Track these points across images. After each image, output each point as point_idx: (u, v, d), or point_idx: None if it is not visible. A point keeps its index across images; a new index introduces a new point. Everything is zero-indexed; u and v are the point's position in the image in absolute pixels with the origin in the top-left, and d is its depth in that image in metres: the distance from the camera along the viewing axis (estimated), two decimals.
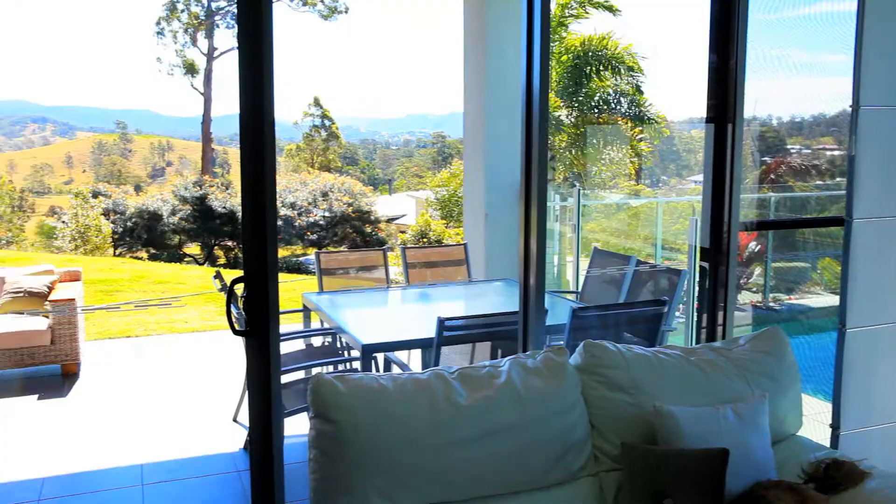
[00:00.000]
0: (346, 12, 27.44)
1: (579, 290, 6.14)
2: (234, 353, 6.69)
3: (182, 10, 27.49)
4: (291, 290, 11.59)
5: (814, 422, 3.64)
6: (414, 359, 5.73)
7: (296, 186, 20.28)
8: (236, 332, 2.63)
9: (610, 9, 11.21)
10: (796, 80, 4.05)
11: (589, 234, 10.60)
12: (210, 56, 28.01)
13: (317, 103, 32.54)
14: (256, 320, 2.57)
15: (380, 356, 4.62)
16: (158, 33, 27.60)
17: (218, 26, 28.06)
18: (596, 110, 11.90)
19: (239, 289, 2.60)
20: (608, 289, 5.51)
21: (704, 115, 3.45)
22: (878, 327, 3.45)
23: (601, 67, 11.34)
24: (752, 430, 2.53)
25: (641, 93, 11.86)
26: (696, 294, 3.64)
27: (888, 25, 3.28)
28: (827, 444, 3.45)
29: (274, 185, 2.50)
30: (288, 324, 6.62)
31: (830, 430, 3.51)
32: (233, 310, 2.71)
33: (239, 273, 2.59)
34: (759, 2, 3.51)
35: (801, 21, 3.94)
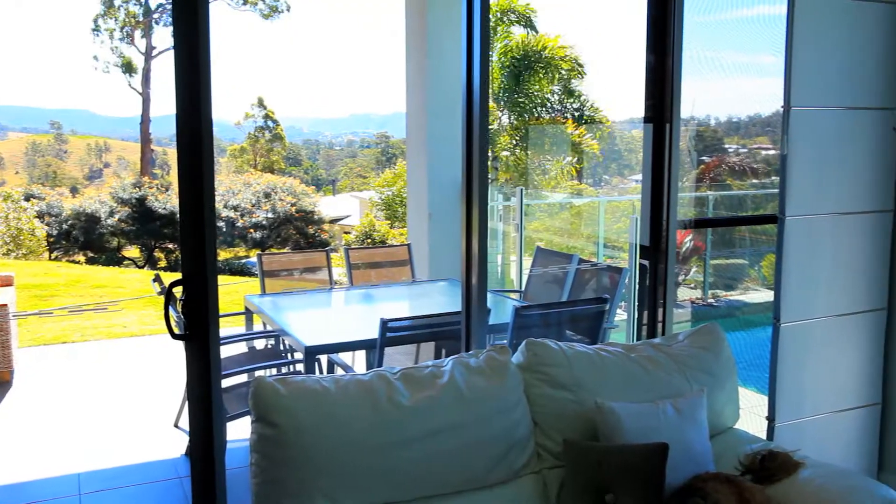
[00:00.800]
0: (287, 11, 27.18)
1: (523, 289, 6.19)
2: (175, 357, 6.57)
3: (119, 8, 26.91)
4: (234, 292, 11.44)
5: (751, 414, 3.73)
6: (358, 360, 5.71)
7: (238, 188, 20.02)
8: (175, 336, 2.59)
9: (529, 24, 11.27)
10: (733, 80, 4.14)
11: (533, 234, 10.69)
12: (148, 55, 27.48)
13: (260, 104, 32.18)
14: (196, 324, 2.52)
15: (323, 358, 4.59)
16: (95, 31, 26.99)
17: (157, 23, 27.55)
18: (537, 111, 12.00)
19: (178, 291, 2.56)
20: (551, 287, 5.56)
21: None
22: (809, 322, 3.56)
23: (540, 68, 11.43)
24: (691, 424, 2.58)
25: (572, 92, 11.99)
26: (637, 291, 3.70)
27: (816, 29, 3.38)
28: (763, 435, 3.53)
29: (212, 186, 2.46)
30: (230, 327, 6.54)
31: (766, 422, 3.60)
32: (172, 313, 2.67)
33: (179, 276, 2.55)
34: (697, 4, 3.58)
35: (737, 23, 4.03)
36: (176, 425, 5.00)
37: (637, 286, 3.71)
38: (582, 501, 2.37)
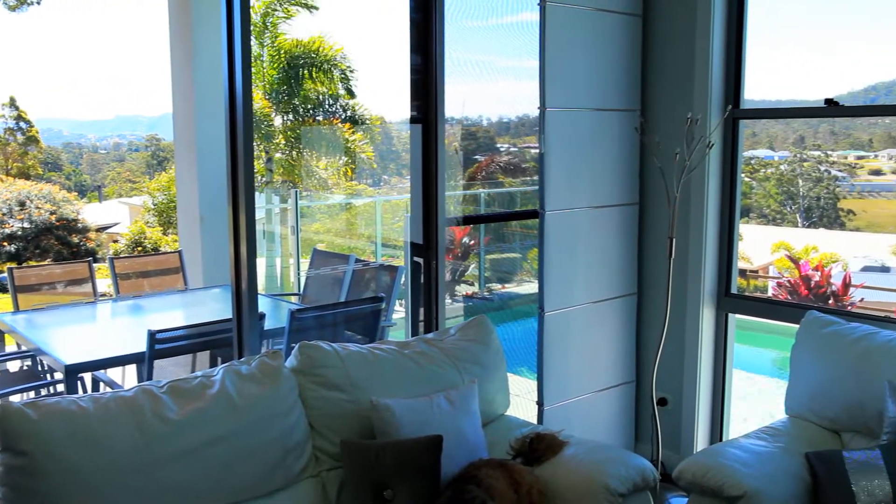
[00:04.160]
0: (38, 4, 25.09)
1: (301, 291, 6.13)
2: None
3: None
4: None
5: (525, 400, 3.93)
6: (131, 376, 5.38)
7: None
8: None
9: (308, 6, 11.18)
10: (501, 83, 4.33)
11: (314, 236, 10.59)
12: None
13: (12, 103, 29.45)
14: None
15: (88, 377, 4.29)
16: None
17: None
18: (311, 112, 11.90)
19: None
20: (329, 288, 5.54)
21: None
22: (570, 309, 3.80)
23: (314, 70, 11.36)
24: (464, 414, 2.67)
25: (354, 95, 12.04)
26: (411, 288, 3.78)
27: (566, 36, 3.62)
28: (535, 419, 3.74)
29: None
30: None
31: (537, 406, 3.80)
32: None
33: None
34: (463, 9, 3.71)
35: (503, 28, 4.22)
36: None
37: (411, 283, 3.79)
38: (361, 500, 2.39)
